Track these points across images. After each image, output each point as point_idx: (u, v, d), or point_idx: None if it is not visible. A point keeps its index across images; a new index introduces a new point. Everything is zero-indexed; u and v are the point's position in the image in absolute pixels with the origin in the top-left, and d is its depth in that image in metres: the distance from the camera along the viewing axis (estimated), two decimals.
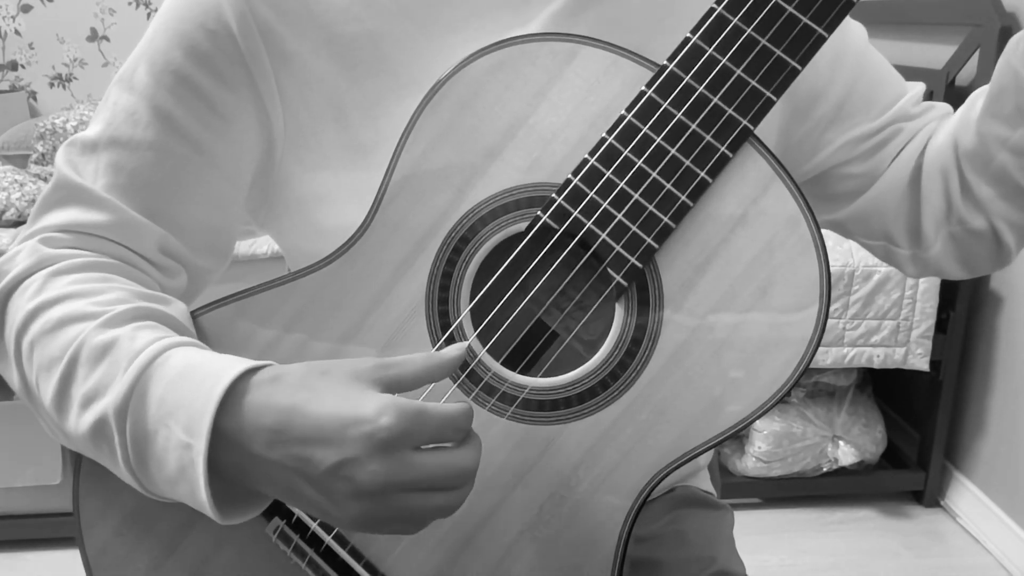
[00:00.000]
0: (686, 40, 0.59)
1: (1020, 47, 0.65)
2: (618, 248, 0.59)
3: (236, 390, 0.53)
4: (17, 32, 3.16)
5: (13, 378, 0.63)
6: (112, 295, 0.61)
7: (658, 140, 0.58)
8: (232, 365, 0.54)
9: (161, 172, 0.66)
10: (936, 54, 2.24)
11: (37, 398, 0.60)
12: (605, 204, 0.59)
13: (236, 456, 0.53)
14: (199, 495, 0.53)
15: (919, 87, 0.80)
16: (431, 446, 0.52)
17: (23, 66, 3.19)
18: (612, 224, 0.59)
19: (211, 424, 0.52)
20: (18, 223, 2.15)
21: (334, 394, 0.52)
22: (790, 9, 0.57)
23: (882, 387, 2.45)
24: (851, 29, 0.76)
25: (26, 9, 3.14)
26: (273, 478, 0.53)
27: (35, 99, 3.22)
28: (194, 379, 0.54)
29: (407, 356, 0.54)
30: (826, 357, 2.10)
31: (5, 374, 0.64)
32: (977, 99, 0.71)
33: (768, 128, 0.74)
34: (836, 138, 0.76)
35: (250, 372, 0.54)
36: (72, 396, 0.58)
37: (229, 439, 0.53)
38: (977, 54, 2.04)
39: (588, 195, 0.59)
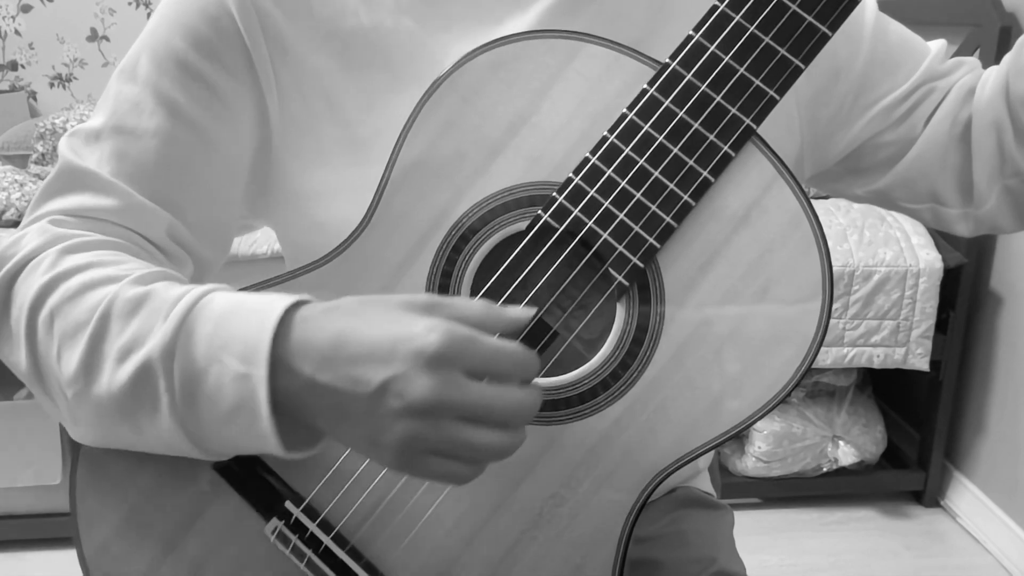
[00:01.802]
0: (688, 38, 0.58)
1: None
2: (620, 248, 0.59)
3: (288, 319, 0.53)
4: (17, 32, 3.16)
5: (21, 360, 0.61)
6: (134, 263, 0.60)
7: (660, 139, 0.58)
8: (281, 297, 0.54)
9: (166, 159, 0.65)
10: None
11: (54, 375, 0.59)
12: (607, 203, 0.58)
13: (291, 383, 0.52)
14: (260, 425, 0.52)
15: (941, 43, 0.79)
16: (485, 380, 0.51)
17: (23, 66, 3.19)
18: (614, 223, 0.58)
19: (270, 350, 0.52)
20: (18, 223, 2.15)
21: (384, 318, 0.51)
22: (793, 7, 0.57)
23: (882, 387, 2.45)
24: (861, 3, 0.76)
25: (26, 9, 3.14)
26: (325, 403, 0.52)
27: (35, 99, 3.21)
28: (243, 313, 0.54)
29: (463, 299, 0.53)
30: (826, 357, 2.10)
31: (11, 358, 0.62)
32: None
33: (790, 128, 0.73)
34: (867, 110, 0.75)
35: (298, 304, 0.54)
36: (105, 353, 0.56)
37: (284, 366, 0.52)
38: (977, 54, 2.03)
39: (589, 194, 0.59)
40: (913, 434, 2.37)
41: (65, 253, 0.61)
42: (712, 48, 0.58)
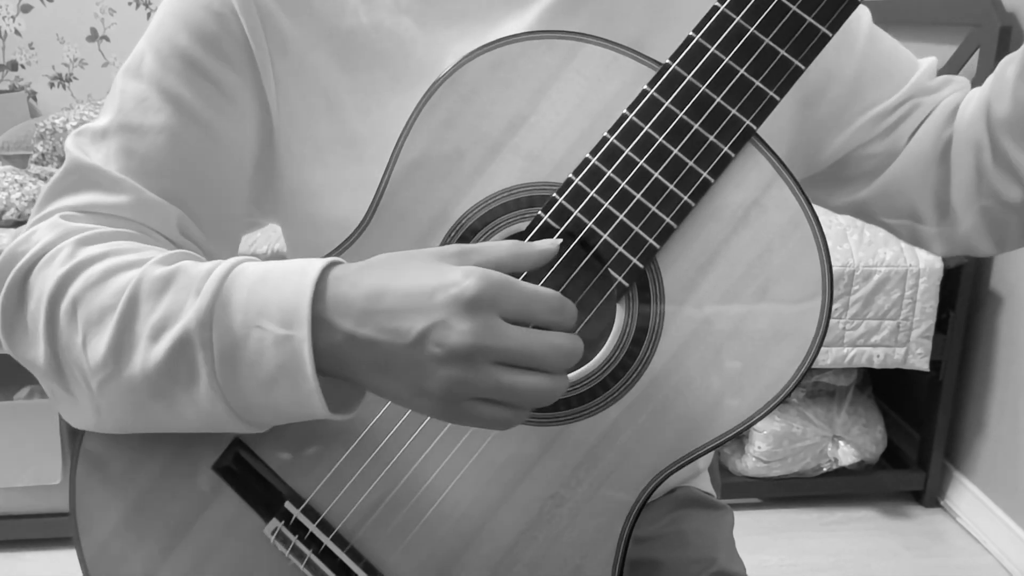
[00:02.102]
0: (688, 39, 0.58)
1: None
2: (620, 249, 0.59)
3: (323, 279, 0.54)
4: (17, 32, 3.16)
5: (39, 355, 0.60)
6: (152, 251, 0.60)
7: (660, 139, 0.58)
8: (313, 260, 0.55)
9: (173, 155, 0.66)
10: (936, 54, 2.23)
11: (79, 364, 0.58)
12: (606, 204, 0.58)
13: (333, 339, 0.53)
14: (305, 386, 0.53)
15: (931, 60, 0.79)
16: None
17: (23, 66, 3.19)
18: (614, 224, 0.58)
19: (310, 310, 0.52)
20: (18, 223, 2.15)
21: (419, 268, 0.52)
22: (794, 8, 0.57)
23: (882, 387, 2.45)
24: (856, 11, 0.76)
25: (26, 9, 3.14)
26: (367, 357, 0.53)
27: (35, 99, 3.21)
28: (276, 278, 0.55)
29: (492, 243, 0.54)
30: (826, 357, 2.10)
31: (27, 355, 0.61)
32: (1008, 66, 0.69)
33: (779, 127, 0.73)
34: (854, 119, 0.75)
35: (331, 264, 0.55)
36: (137, 332, 0.56)
37: (324, 324, 0.53)
38: (977, 54, 2.03)
39: (589, 195, 0.59)
40: (913, 434, 2.37)
41: (82, 244, 0.60)
42: (712, 49, 0.58)
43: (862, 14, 0.76)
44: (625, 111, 0.59)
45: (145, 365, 0.56)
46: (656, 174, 0.58)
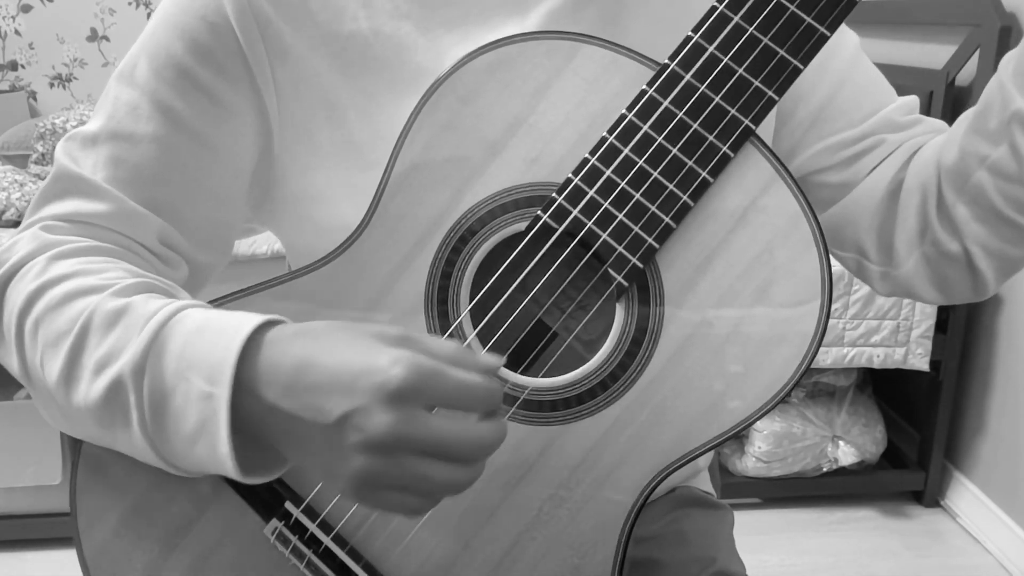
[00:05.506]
0: (687, 39, 0.58)
1: (1011, 64, 0.64)
2: (619, 249, 0.59)
3: (255, 341, 0.53)
4: (17, 32, 3.16)
5: (13, 363, 0.62)
6: (118, 272, 0.60)
7: (659, 140, 0.58)
8: (251, 317, 0.54)
9: (162, 165, 0.66)
10: (936, 54, 2.24)
11: (40, 380, 0.59)
12: (606, 204, 0.59)
13: (254, 406, 0.52)
14: (220, 448, 0.52)
15: (911, 98, 0.78)
16: (447, 413, 0.50)
17: (23, 66, 3.19)
18: (613, 224, 0.59)
19: (233, 371, 0.51)
20: (18, 223, 2.15)
21: (351, 347, 0.51)
22: (792, 8, 0.57)
23: (882, 387, 2.45)
24: (843, 35, 0.75)
25: (26, 9, 3.14)
26: (286, 429, 0.52)
27: (35, 99, 3.21)
28: (213, 331, 0.54)
29: (438, 339, 0.52)
30: (826, 357, 2.10)
31: (5, 360, 0.63)
32: (968, 116, 0.69)
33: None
34: (814, 143, 0.75)
35: (268, 325, 0.54)
36: (84, 364, 0.57)
37: (248, 389, 0.52)
38: (977, 54, 2.03)
39: (588, 194, 0.59)
40: (913, 434, 2.37)
41: (54, 260, 0.61)
42: (711, 49, 0.58)
43: (848, 39, 0.76)
44: (624, 111, 0.59)
45: (87, 399, 0.56)
46: (655, 174, 0.58)
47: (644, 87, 0.59)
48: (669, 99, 0.58)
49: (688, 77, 0.58)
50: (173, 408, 0.54)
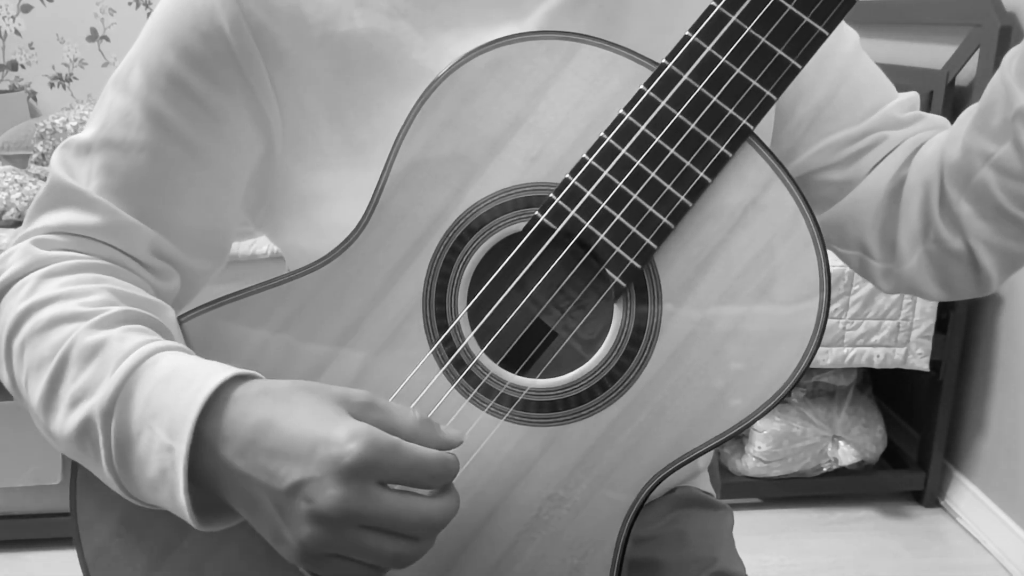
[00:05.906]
0: (685, 38, 0.58)
1: (1014, 62, 0.64)
2: (617, 249, 0.59)
3: (220, 396, 0.54)
4: (17, 32, 3.16)
5: (4, 377, 0.63)
6: (102, 296, 0.61)
7: (657, 139, 0.58)
8: (218, 371, 0.54)
9: (154, 173, 0.66)
10: (936, 54, 2.24)
11: (26, 398, 0.61)
12: (603, 204, 0.58)
13: (212, 462, 0.53)
14: (178, 499, 0.53)
15: (912, 95, 0.78)
16: (400, 488, 0.51)
17: (23, 66, 3.19)
18: (611, 224, 0.58)
19: (193, 427, 0.52)
20: (18, 223, 2.15)
21: (313, 413, 0.51)
22: (790, 7, 0.57)
23: (882, 387, 2.45)
24: (843, 33, 0.75)
25: (26, 9, 3.14)
26: (239, 488, 0.53)
27: (35, 99, 3.22)
28: (180, 382, 0.54)
29: (404, 408, 0.53)
30: (826, 357, 2.10)
31: None
32: (970, 113, 0.69)
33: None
34: (815, 141, 0.75)
35: (236, 380, 0.54)
36: (61, 396, 0.58)
37: (207, 443, 0.53)
38: (977, 54, 2.03)
39: (586, 195, 0.59)
40: (913, 434, 2.37)
41: (44, 278, 0.62)
42: (708, 48, 0.58)
43: (850, 38, 0.76)
44: (622, 111, 0.59)
45: (62, 429, 0.58)
46: (653, 174, 0.58)
47: (641, 87, 0.59)
48: (666, 99, 0.58)
49: (685, 77, 0.58)
50: (137, 454, 0.55)
